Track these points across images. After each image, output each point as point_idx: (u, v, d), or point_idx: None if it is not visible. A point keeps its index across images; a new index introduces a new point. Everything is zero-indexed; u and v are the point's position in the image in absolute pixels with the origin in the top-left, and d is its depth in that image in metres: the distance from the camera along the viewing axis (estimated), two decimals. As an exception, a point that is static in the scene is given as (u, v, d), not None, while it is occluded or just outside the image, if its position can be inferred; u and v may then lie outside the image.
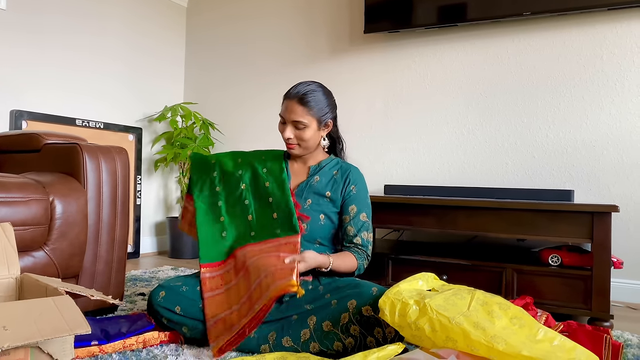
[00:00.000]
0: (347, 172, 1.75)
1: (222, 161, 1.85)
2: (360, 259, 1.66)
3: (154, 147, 3.52)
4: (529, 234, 2.00)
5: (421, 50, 2.87)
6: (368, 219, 1.72)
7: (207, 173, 1.84)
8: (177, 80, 3.75)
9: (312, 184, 1.73)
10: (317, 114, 1.67)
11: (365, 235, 1.70)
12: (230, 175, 1.81)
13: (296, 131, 1.68)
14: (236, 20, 3.56)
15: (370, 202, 1.77)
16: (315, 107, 1.66)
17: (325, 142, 1.79)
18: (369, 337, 1.40)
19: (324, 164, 1.78)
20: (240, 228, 1.73)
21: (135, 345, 1.48)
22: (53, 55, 2.88)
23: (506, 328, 1.23)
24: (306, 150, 1.73)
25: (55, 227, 1.64)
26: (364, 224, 1.70)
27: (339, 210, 1.73)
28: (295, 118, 1.66)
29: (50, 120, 2.83)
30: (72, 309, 1.08)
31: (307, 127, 1.67)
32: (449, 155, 2.78)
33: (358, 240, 1.68)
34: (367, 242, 1.70)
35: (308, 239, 1.68)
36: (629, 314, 2.15)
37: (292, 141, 1.70)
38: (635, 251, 2.32)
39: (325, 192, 1.71)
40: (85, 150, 1.80)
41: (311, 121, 1.67)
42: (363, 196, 1.74)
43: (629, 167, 2.37)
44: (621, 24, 2.40)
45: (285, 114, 1.68)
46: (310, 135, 1.68)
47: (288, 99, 1.68)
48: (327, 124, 1.73)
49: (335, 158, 1.82)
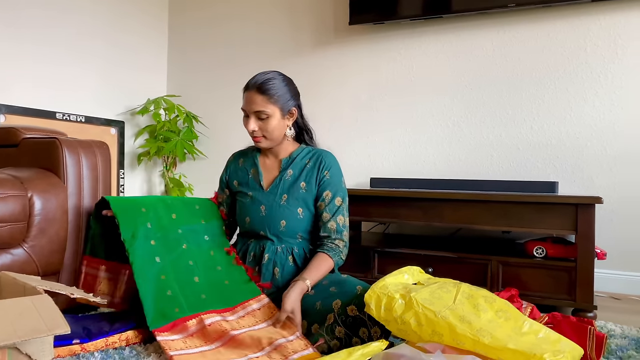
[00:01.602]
0: (319, 158, 1.71)
1: (158, 214, 1.65)
2: (335, 255, 1.62)
3: (136, 141, 3.47)
4: (514, 226, 2.00)
5: (406, 42, 2.86)
6: (344, 203, 1.69)
7: (138, 222, 1.58)
8: (159, 72, 3.69)
9: (285, 179, 1.70)
10: (279, 102, 1.63)
11: (341, 220, 1.66)
12: (167, 230, 1.63)
13: (260, 122, 1.63)
14: (219, 11, 3.51)
15: (345, 186, 1.73)
16: (275, 94, 1.62)
17: (291, 131, 1.73)
18: (354, 338, 1.39)
19: (295, 155, 1.74)
20: (187, 290, 1.52)
21: (118, 343, 1.45)
22: (32, 49, 2.81)
23: (492, 321, 1.24)
24: (273, 141, 1.69)
25: (34, 224, 1.61)
26: (338, 208, 1.67)
27: (314, 197, 1.70)
28: (256, 108, 1.61)
29: (30, 114, 2.77)
30: (51, 309, 1.06)
31: (270, 117, 1.62)
32: (434, 147, 2.78)
33: (333, 225, 1.65)
34: (342, 228, 1.66)
35: (290, 235, 1.67)
36: (613, 304, 2.18)
37: (257, 133, 1.65)
38: (618, 242, 2.35)
39: (300, 184, 1.68)
40: (64, 145, 1.76)
41: (274, 110, 1.62)
42: (337, 181, 1.70)
43: (612, 158, 2.39)
44: (605, 16, 2.41)
45: (246, 106, 1.64)
46: (274, 125, 1.64)
47: (247, 91, 1.64)
48: (291, 112, 1.68)
49: (306, 147, 1.77)
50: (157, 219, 1.63)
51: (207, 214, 1.78)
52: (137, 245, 1.52)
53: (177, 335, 1.40)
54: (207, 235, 1.72)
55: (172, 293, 1.48)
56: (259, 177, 1.74)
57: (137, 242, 1.53)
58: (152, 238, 1.58)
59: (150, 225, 1.60)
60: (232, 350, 1.35)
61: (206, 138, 3.47)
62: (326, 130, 1.90)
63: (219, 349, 1.37)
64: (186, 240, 1.65)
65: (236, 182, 1.80)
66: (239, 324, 1.47)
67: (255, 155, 1.79)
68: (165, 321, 1.42)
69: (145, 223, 1.59)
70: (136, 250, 1.51)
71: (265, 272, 1.65)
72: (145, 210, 1.62)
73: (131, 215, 1.58)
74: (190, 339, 1.40)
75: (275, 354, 1.33)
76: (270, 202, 1.68)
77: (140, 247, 1.52)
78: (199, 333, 1.42)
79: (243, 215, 1.74)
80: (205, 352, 1.35)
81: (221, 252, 1.71)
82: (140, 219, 1.59)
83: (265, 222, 1.68)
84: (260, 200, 1.70)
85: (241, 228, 1.79)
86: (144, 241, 1.55)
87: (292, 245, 1.67)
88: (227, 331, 1.41)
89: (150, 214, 1.63)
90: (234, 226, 1.88)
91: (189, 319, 1.44)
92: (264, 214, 1.68)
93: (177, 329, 1.41)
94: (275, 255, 1.66)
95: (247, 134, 1.69)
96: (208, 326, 1.43)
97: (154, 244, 1.57)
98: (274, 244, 1.67)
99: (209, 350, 1.36)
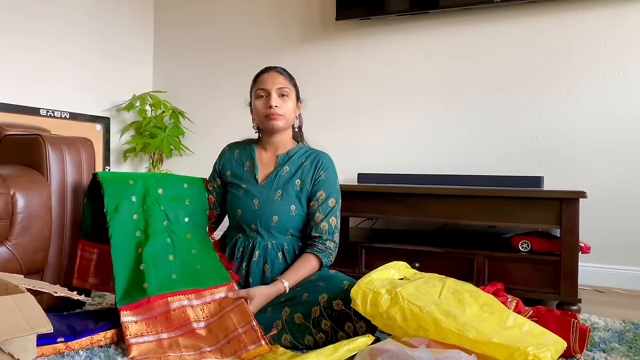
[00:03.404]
0: (317, 158, 1.74)
1: (146, 185, 1.66)
2: (325, 257, 1.63)
3: (122, 137, 3.44)
4: (500, 220, 2.02)
5: (393, 37, 2.86)
6: (337, 204, 1.71)
7: (123, 195, 1.60)
8: (145, 68, 3.65)
9: (281, 175, 1.71)
10: (296, 87, 1.76)
11: (334, 222, 1.68)
12: (151, 204, 1.64)
13: (280, 100, 1.69)
14: (205, 7, 3.48)
15: (339, 188, 1.76)
16: (293, 79, 1.76)
17: (298, 122, 1.81)
18: (340, 332, 1.40)
19: (293, 152, 1.76)
20: (159, 266, 1.53)
21: (103, 341, 1.44)
22: (15, 44, 2.76)
23: (477, 315, 1.25)
24: (287, 123, 1.73)
25: (17, 222, 1.59)
26: (332, 210, 1.68)
27: (308, 196, 1.71)
28: (280, 84, 1.69)
29: (13, 110, 2.73)
30: (33, 307, 1.05)
31: (289, 97, 1.71)
32: (421, 142, 2.78)
33: (325, 226, 1.66)
34: (334, 229, 1.68)
35: (280, 231, 1.67)
36: (597, 297, 2.21)
37: (279, 110, 1.67)
38: (602, 235, 2.37)
39: (295, 182, 1.69)
40: (48, 142, 1.73)
41: (292, 92, 1.73)
42: (332, 182, 1.72)
43: (596, 153, 2.41)
44: (589, 12, 2.43)
45: (268, 84, 1.69)
46: (291, 107, 1.72)
47: (268, 72, 1.73)
48: (300, 103, 1.79)
49: (304, 146, 1.80)
50: (143, 192, 1.64)
51: (192, 195, 1.76)
52: (118, 218, 1.55)
53: (141, 316, 1.42)
54: (187, 217, 1.71)
55: (145, 267, 1.49)
56: (255, 170, 1.74)
57: (118, 215, 1.55)
58: (135, 212, 1.60)
59: (134, 199, 1.62)
60: (188, 341, 1.40)
61: (193, 134, 3.45)
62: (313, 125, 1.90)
63: (177, 339, 1.40)
64: (167, 218, 1.65)
65: (229, 172, 1.79)
66: (203, 312, 1.48)
67: (252, 148, 1.79)
68: (131, 299, 1.44)
69: (130, 196, 1.61)
70: (116, 223, 1.54)
71: (255, 269, 1.65)
72: (132, 183, 1.64)
73: (117, 187, 1.61)
74: (152, 322, 1.42)
75: (228, 348, 1.36)
76: (264, 197, 1.68)
77: (121, 221, 1.55)
78: (162, 317, 1.44)
79: (235, 207, 1.73)
80: (163, 340, 1.39)
81: (198, 236, 1.70)
82: (127, 192, 1.61)
83: (257, 215, 1.67)
84: (254, 194, 1.70)
85: (231, 220, 1.78)
86: (126, 214, 1.57)
87: (282, 241, 1.67)
88: (189, 321, 1.44)
89: (138, 186, 1.64)
90: (221, 216, 1.87)
91: (156, 299, 1.45)
92: (256, 208, 1.68)
93: (142, 309, 1.43)
94: (266, 252, 1.66)
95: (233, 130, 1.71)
96: (173, 311, 1.44)
97: (136, 218, 1.59)
98: (264, 240, 1.67)
99: (167, 338, 1.40)
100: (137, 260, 1.51)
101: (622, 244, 2.36)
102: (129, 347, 1.35)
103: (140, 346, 1.36)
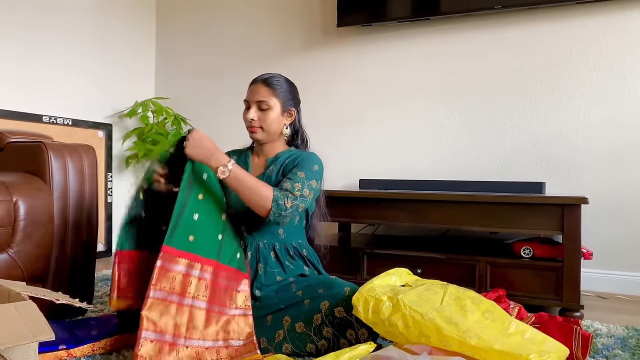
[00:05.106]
0: (300, 155, 1.69)
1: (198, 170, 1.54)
2: (279, 192, 1.52)
3: (124, 144, 3.44)
4: (502, 226, 2.02)
5: (394, 44, 2.87)
6: (306, 179, 1.59)
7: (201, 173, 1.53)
8: (147, 75, 3.67)
9: (268, 175, 1.69)
10: (281, 98, 1.67)
11: (298, 187, 1.56)
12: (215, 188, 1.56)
13: (260, 113, 1.66)
14: (207, 14, 3.50)
15: (317, 176, 1.64)
16: (278, 89, 1.67)
17: (287, 131, 1.73)
18: (341, 339, 1.40)
19: (281, 155, 1.73)
20: (204, 230, 1.47)
21: (105, 348, 1.45)
22: (18, 51, 2.78)
23: (479, 322, 1.24)
24: (268, 135, 1.69)
25: (20, 229, 1.59)
26: (299, 179, 1.58)
27: None
28: (259, 98, 1.65)
29: (15, 117, 2.74)
30: (35, 315, 1.05)
31: (271, 109, 1.66)
32: (422, 148, 2.79)
33: (287, 185, 1.55)
34: (293, 189, 1.54)
35: (270, 231, 1.65)
36: (599, 303, 2.20)
37: (255, 123, 1.66)
38: (604, 241, 2.37)
39: (278, 180, 1.66)
40: (50, 149, 1.74)
41: (275, 104, 1.66)
42: (307, 165, 1.64)
43: (598, 158, 2.41)
44: (590, 18, 2.43)
45: (250, 96, 1.68)
46: (273, 118, 1.66)
47: (253, 84, 1.70)
48: (290, 112, 1.71)
49: (295, 150, 1.76)
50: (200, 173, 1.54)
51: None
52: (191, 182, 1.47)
53: (194, 271, 1.37)
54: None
55: (199, 219, 1.44)
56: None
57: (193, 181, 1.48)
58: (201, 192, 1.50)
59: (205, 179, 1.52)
60: (195, 327, 1.34)
61: (195, 140, 3.45)
62: (314, 131, 1.90)
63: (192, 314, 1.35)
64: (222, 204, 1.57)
65: None
66: (208, 296, 1.41)
67: (247, 154, 1.80)
68: (177, 245, 1.37)
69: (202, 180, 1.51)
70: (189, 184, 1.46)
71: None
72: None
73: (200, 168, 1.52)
74: (196, 285, 1.37)
75: (224, 351, 1.35)
76: None
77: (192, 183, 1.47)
78: (182, 286, 1.36)
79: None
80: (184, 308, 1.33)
81: (228, 223, 1.60)
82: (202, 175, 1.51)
83: (247, 216, 1.66)
84: None
85: None
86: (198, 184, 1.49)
87: (273, 241, 1.66)
88: (199, 296, 1.38)
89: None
90: None
91: (195, 260, 1.39)
92: (246, 209, 1.67)
93: (200, 268, 1.39)
94: (258, 252, 1.65)
95: (235, 137, 1.69)
96: (198, 279, 1.39)
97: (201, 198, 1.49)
98: (255, 240, 1.66)
99: (190, 309, 1.34)
100: (194, 209, 1.44)
101: (624, 249, 2.36)
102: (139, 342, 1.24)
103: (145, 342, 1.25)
